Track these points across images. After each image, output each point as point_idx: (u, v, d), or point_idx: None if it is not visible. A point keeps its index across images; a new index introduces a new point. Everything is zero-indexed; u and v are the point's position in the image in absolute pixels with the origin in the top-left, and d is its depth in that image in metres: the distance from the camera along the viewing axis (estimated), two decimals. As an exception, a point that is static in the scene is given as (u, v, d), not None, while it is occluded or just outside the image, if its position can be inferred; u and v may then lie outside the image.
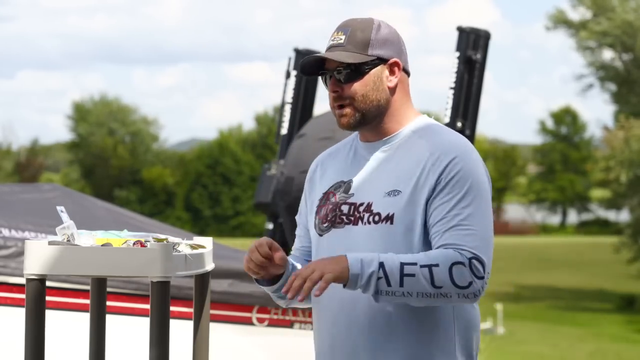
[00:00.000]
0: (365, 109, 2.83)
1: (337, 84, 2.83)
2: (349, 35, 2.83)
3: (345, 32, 2.84)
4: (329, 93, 2.87)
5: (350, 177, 2.88)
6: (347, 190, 2.86)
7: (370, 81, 2.83)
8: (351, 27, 2.84)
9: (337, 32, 2.85)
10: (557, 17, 37.93)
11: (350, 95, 2.82)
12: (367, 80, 2.83)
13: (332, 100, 2.85)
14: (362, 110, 2.83)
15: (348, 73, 2.82)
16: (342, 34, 2.84)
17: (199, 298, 2.97)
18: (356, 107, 2.83)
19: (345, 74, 2.82)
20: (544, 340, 23.76)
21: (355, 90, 2.83)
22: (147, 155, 63.35)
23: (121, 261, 2.59)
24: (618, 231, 38.26)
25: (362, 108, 2.83)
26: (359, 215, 2.80)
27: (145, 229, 5.43)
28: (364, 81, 2.83)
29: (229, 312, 5.31)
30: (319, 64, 2.87)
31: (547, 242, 51.78)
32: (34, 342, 2.61)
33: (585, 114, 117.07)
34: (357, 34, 2.83)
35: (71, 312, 4.93)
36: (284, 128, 7.31)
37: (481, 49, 6.56)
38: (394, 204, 2.75)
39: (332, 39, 2.85)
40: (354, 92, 2.82)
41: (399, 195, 2.76)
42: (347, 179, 2.88)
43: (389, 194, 2.77)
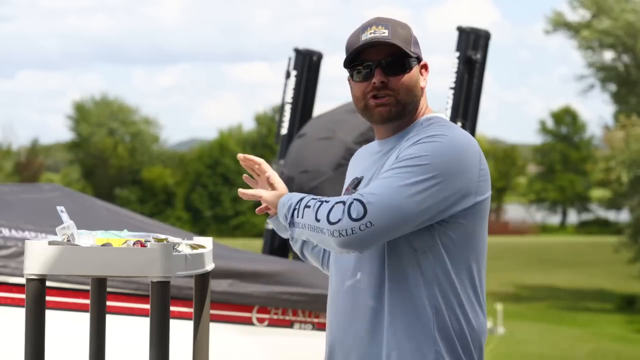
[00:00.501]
0: (406, 103, 2.84)
1: (384, 75, 2.81)
2: (391, 30, 2.82)
3: (386, 26, 2.83)
4: (367, 84, 2.82)
5: (362, 174, 2.92)
6: (357, 186, 2.91)
7: (414, 77, 2.85)
8: (390, 23, 2.84)
9: (375, 26, 2.83)
10: (555, 20, 37.92)
11: (396, 87, 2.82)
12: (412, 76, 2.84)
13: (372, 90, 2.82)
14: (404, 103, 2.83)
15: (398, 65, 2.82)
16: (384, 28, 2.82)
17: (199, 298, 2.97)
18: (399, 99, 2.82)
19: (395, 66, 2.81)
20: (544, 340, 23.75)
21: (403, 82, 2.82)
22: (147, 155, 63.33)
23: (121, 261, 2.59)
24: (618, 231, 38.25)
25: (404, 101, 2.83)
26: None
27: (145, 229, 5.44)
28: (409, 75, 2.84)
29: (229, 312, 5.31)
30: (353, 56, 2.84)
31: (547, 242, 51.77)
32: (34, 342, 2.61)
33: (585, 114, 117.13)
34: (398, 30, 2.83)
35: (71, 312, 4.93)
36: (284, 128, 7.31)
37: (481, 49, 6.56)
38: None
39: (371, 31, 2.82)
40: (401, 84, 2.82)
41: None
42: (359, 175, 2.93)
43: None
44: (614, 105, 39.28)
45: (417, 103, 2.87)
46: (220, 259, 5.00)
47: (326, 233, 2.66)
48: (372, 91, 2.82)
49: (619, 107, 38.37)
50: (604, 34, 35.40)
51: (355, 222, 2.62)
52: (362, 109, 2.86)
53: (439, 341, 2.75)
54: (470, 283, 2.80)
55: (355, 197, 2.64)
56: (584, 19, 37.14)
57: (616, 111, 39.00)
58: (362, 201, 2.63)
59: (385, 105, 2.81)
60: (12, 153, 59.51)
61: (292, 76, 7.29)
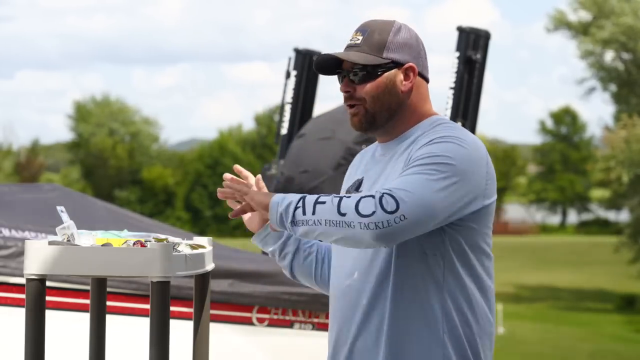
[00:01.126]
0: (375, 111, 2.83)
1: (350, 84, 2.84)
2: (366, 36, 2.83)
3: (363, 33, 2.84)
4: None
5: (362, 176, 2.92)
6: (357, 188, 2.90)
7: (383, 84, 2.82)
8: (370, 29, 2.84)
9: (356, 32, 2.86)
10: (557, 18, 37.91)
11: (361, 96, 2.83)
12: (379, 83, 2.82)
13: (344, 100, 2.87)
14: (372, 112, 2.83)
15: (361, 74, 2.82)
16: (360, 35, 2.84)
17: (199, 298, 2.97)
18: (367, 108, 2.83)
19: (359, 75, 2.82)
20: (544, 340, 23.76)
21: (366, 91, 2.82)
22: (147, 156, 63.35)
23: (121, 261, 2.59)
24: (618, 231, 38.26)
25: (372, 110, 2.82)
26: None
27: (145, 229, 5.43)
28: (376, 83, 2.82)
29: (229, 312, 5.31)
30: (337, 63, 2.87)
31: (547, 242, 51.79)
32: (34, 342, 2.61)
33: (585, 114, 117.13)
34: (374, 36, 2.82)
35: (71, 312, 4.93)
36: (284, 128, 7.31)
37: (481, 49, 6.56)
38: None
39: (350, 38, 2.85)
40: (365, 94, 2.82)
41: None
42: (360, 177, 2.93)
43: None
44: (614, 105, 39.29)
45: (393, 109, 2.83)
46: (220, 259, 4.99)
47: (357, 226, 2.59)
48: (345, 100, 2.87)
49: (619, 107, 38.37)
50: (604, 43, 35.40)
51: (389, 214, 2.58)
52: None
53: (448, 345, 2.74)
54: (480, 287, 2.80)
55: (384, 191, 2.60)
56: (585, 19, 37.11)
57: (616, 111, 39.00)
58: (393, 195, 2.59)
59: (355, 115, 2.85)
60: (12, 153, 59.52)
61: (292, 76, 7.29)
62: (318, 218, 2.64)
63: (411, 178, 2.64)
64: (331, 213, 2.63)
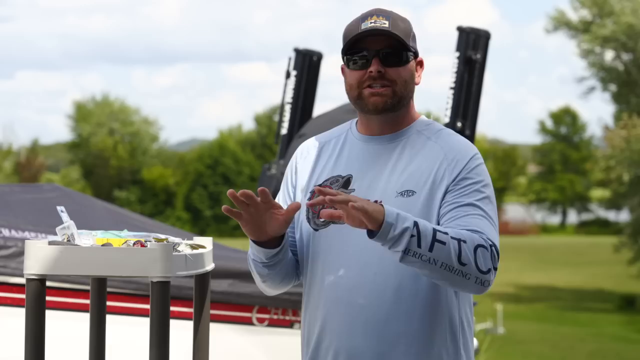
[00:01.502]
0: (402, 95, 2.78)
1: (382, 65, 2.76)
2: (392, 22, 2.77)
3: (387, 17, 2.77)
4: (363, 73, 2.76)
5: (349, 172, 2.81)
6: (345, 186, 2.79)
7: (410, 71, 2.80)
8: (391, 16, 2.79)
9: (376, 16, 2.77)
10: (557, 18, 37.91)
11: (394, 78, 2.77)
12: (409, 69, 2.80)
13: (368, 79, 2.76)
14: (400, 95, 2.77)
15: (397, 56, 2.77)
16: (385, 19, 2.77)
17: (199, 298, 2.96)
18: (395, 91, 2.77)
19: (393, 57, 2.77)
20: (544, 340, 23.75)
21: (399, 74, 2.77)
22: (147, 156, 63.34)
23: (121, 261, 2.59)
24: (618, 231, 38.25)
25: (400, 93, 2.77)
26: None
27: (145, 229, 5.43)
28: (407, 69, 2.79)
29: (229, 312, 5.31)
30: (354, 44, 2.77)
31: (547, 242, 51.78)
32: (34, 342, 2.61)
33: (585, 114, 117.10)
34: (399, 23, 2.78)
35: (71, 312, 4.93)
36: (284, 128, 7.31)
37: (481, 49, 6.55)
38: (408, 205, 2.68)
39: (371, 21, 2.76)
40: (399, 76, 2.77)
41: (413, 196, 2.71)
42: (344, 173, 2.81)
43: (402, 194, 2.72)
44: (614, 105, 39.29)
45: (411, 98, 2.83)
46: (220, 259, 4.99)
47: (472, 279, 2.59)
48: (367, 80, 2.76)
49: (619, 107, 38.37)
50: (604, 41, 35.39)
51: (495, 271, 2.65)
52: (355, 97, 2.79)
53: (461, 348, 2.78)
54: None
55: (490, 244, 2.63)
56: (585, 19, 37.12)
57: (616, 111, 39.00)
58: (497, 249, 2.65)
59: (381, 95, 2.75)
60: (12, 153, 59.50)
61: (292, 76, 7.29)
62: (435, 257, 2.53)
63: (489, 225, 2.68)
64: (450, 259, 2.55)
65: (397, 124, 2.82)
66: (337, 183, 2.80)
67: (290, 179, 2.93)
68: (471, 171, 2.73)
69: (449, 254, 2.54)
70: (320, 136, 2.95)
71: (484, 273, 2.59)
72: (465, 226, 2.63)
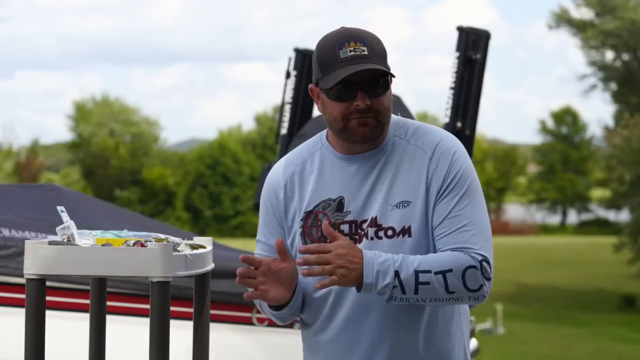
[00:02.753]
0: (385, 124, 2.74)
1: (368, 97, 2.68)
2: (369, 47, 2.69)
3: (364, 43, 2.69)
4: (348, 105, 2.69)
5: (339, 194, 2.75)
6: (340, 209, 2.74)
7: (390, 96, 2.75)
8: (367, 39, 2.70)
9: (353, 42, 2.68)
10: (560, 15, 37.90)
11: (378, 108, 2.71)
12: (389, 94, 2.75)
13: (355, 112, 2.69)
14: (383, 124, 2.73)
15: (379, 86, 2.70)
16: (362, 45, 2.68)
17: (199, 298, 2.97)
18: (380, 120, 2.71)
19: (379, 86, 2.70)
20: (544, 340, 23.75)
21: (383, 104, 2.71)
22: (147, 156, 63.35)
23: (121, 261, 2.59)
24: (618, 231, 38.23)
25: (384, 122, 2.73)
26: (363, 233, 2.71)
27: (145, 228, 5.43)
28: (387, 95, 2.73)
29: (229, 312, 5.31)
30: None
31: (547, 242, 51.76)
32: (34, 342, 2.61)
33: (585, 114, 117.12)
34: (375, 46, 2.70)
35: (71, 312, 4.93)
36: (284, 128, 7.31)
37: (481, 49, 6.55)
38: (407, 216, 2.69)
39: (351, 49, 2.67)
40: (381, 106, 2.71)
41: (409, 206, 2.70)
42: (334, 195, 2.76)
43: (397, 206, 2.70)
44: (614, 105, 39.29)
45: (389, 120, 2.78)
46: (220, 259, 4.99)
47: (466, 299, 2.67)
48: (353, 113, 2.69)
49: (620, 107, 38.38)
50: (607, 36, 35.40)
51: (489, 281, 2.68)
52: (340, 129, 2.72)
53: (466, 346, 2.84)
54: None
55: (480, 259, 2.65)
56: (587, 17, 37.13)
57: (616, 110, 39.01)
58: (489, 262, 2.68)
59: (366, 125, 2.68)
60: (12, 153, 59.51)
61: (292, 76, 7.29)
62: (422, 297, 2.63)
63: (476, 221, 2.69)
64: (438, 293, 2.63)
65: (378, 141, 2.78)
66: (330, 207, 2.76)
67: (277, 210, 2.85)
68: (457, 174, 2.72)
69: (435, 291, 2.62)
70: (289, 160, 2.87)
71: (475, 291, 2.66)
72: (455, 244, 2.66)
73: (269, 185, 2.88)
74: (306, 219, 2.78)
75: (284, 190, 2.84)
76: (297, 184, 2.82)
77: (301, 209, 2.80)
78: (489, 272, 2.67)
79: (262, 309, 2.89)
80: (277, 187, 2.85)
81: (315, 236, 2.75)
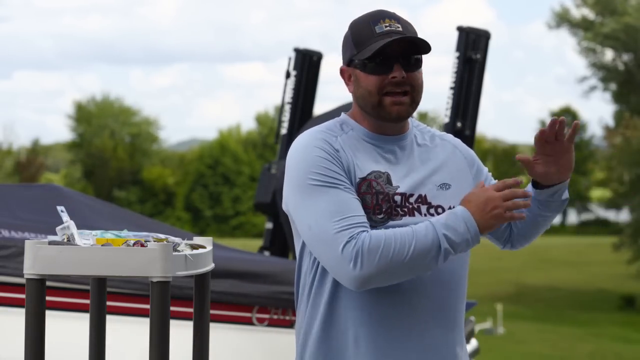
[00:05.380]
0: (418, 101, 2.79)
1: (404, 70, 2.73)
2: (403, 25, 2.75)
3: (398, 21, 2.75)
4: (383, 78, 2.71)
5: (384, 169, 2.76)
6: (389, 181, 2.74)
7: (422, 75, 2.80)
8: (400, 19, 2.76)
9: (388, 19, 2.74)
10: (560, 15, 37.90)
11: (414, 83, 2.75)
12: (421, 73, 2.80)
13: (389, 85, 2.72)
14: (417, 102, 2.78)
15: (417, 61, 2.76)
16: (397, 23, 2.74)
17: (199, 298, 2.97)
18: (414, 96, 2.75)
19: (416, 62, 2.75)
20: (544, 340, 23.76)
21: (417, 79, 2.76)
22: (147, 156, 63.36)
23: (121, 261, 2.59)
24: (618, 231, 38.24)
25: (417, 100, 2.78)
26: (411, 207, 2.74)
27: (146, 228, 5.43)
28: (421, 73, 2.79)
29: (229, 312, 5.31)
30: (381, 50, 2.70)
31: (547, 242, 51.78)
32: (34, 342, 2.61)
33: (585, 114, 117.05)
34: (407, 26, 2.77)
35: (71, 312, 4.93)
36: (284, 128, 7.31)
37: (481, 49, 6.56)
38: (448, 197, 2.78)
39: (386, 24, 2.73)
40: (415, 81, 2.76)
41: (450, 189, 2.79)
42: (382, 169, 2.76)
43: (440, 187, 2.78)
44: (614, 105, 39.30)
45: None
46: (220, 259, 4.99)
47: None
48: (388, 86, 2.72)
49: (620, 107, 38.39)
50: (606, 38, 35.40)
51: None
52: (374, 104, 2.74)
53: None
54: None
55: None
56: (587, 17, 37.14)
57: (616, 110, 39.01)
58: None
59: (402, 104, 2.72)
60: (13, 153, 59.52)
61: (292, 76, 7.30)
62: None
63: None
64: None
65: (406, 125, 2.85)
66: (381, 178, 2.75)
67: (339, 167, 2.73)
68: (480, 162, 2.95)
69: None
70: (323, 131, 2.79)
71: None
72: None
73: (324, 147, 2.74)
74: (360, 185, 2.73)
75: (342, 152, 2.74)
76: (349, 151, 2.76)
77: (355, 174, 2.74)
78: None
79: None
80: (333, 149, 2.74)
81: (369, 203, 2.70)
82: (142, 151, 63.38)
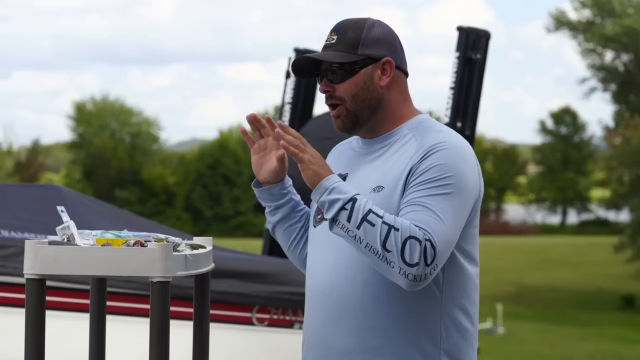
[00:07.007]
0: (356, 110, 2.82)
1: (328, 84, 2.83)
2: (341, 35, 2.83)
3: (337, 32, 2.84)
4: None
5: (346, 170, 2.88)
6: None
7: (361, 81, 2.81)
8: (343, 27, 2.84)
9: (331, 32, 2.86)
10: (558, 18, 37.91)
11: (340, 95, 2.82)
12: (357, 80, 2.81)
13: (325, 100, 2.86)
14: (354, 110, 2.82)
15: (338, 73, 2.81)
16: (335, 34, 2.84)
17: (199, 298, 2.97)
18: (347, 108, 2.82)
19: (336, 74, 2.82)
20: (544, 340, 23.76)
21: (345, 90, 2.82)
22: (147, 156, 63.34)
23: (121, 261, 2.59)
24: (618, 231, 38.24)
25: (353, 108, 2.82)
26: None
27: (146, 229, 5.43)
28: (353, 81, 2.81)
29: (229, 312, 5.31)
30: (316, 65, 2.86)
31: (547, 242, 51.75)
32: (34, 342, 2.61)
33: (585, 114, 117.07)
34: (348, 34, 2.82)
35: (71, 312, 4.93)
36: (284, 128, 7.30)
37: (481, 49, 6.56)
38: (380, 200, 2.71)
39: (326, 39, 2.86)
40: (344, 93, 2.82)
41: (382, 191, 2.74)
42: (343, 171, 2.88)
43: (374, 190, 2.75)
44: (614, 105, 39.30)
45: (374, 106, 2.83)
46: (220, 259, 4.99)
47: (397, 270, 2.59)
48: (325, 101, 2.86)
49: (619, 107, 38.39)
50: (606, 40, 35.41)
51: (428, 267, 2.60)
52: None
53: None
54: (474, 297, 2.82)
55: (427, 238, 2.59)
56: (586, 18, 37.14)
57: (616, 111, 39.02)
58: (434, 246, 2.60)
59: (338, 116, 2.84)
60: (13, 153, 59.51)
61: (292, 76, 7.30)
62: (360, 236, 2.61)
63: (445, 215, 2.64)
64: (376, 241, 2.60)
65: (381, 128, 2.85)
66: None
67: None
68: (435, 165, 2.70)
69: (374, 236, 2.59)
70: (345, 140, 3.03)
71: (409, 265, 2.58)
72: (412, 219, 2.64)
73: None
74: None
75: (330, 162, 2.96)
76: (333, 161, 2.99)
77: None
78: (431, 259, 2.59)
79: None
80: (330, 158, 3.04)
81: (316, 206, 2.91)
82: (142, 151, 63.34)
